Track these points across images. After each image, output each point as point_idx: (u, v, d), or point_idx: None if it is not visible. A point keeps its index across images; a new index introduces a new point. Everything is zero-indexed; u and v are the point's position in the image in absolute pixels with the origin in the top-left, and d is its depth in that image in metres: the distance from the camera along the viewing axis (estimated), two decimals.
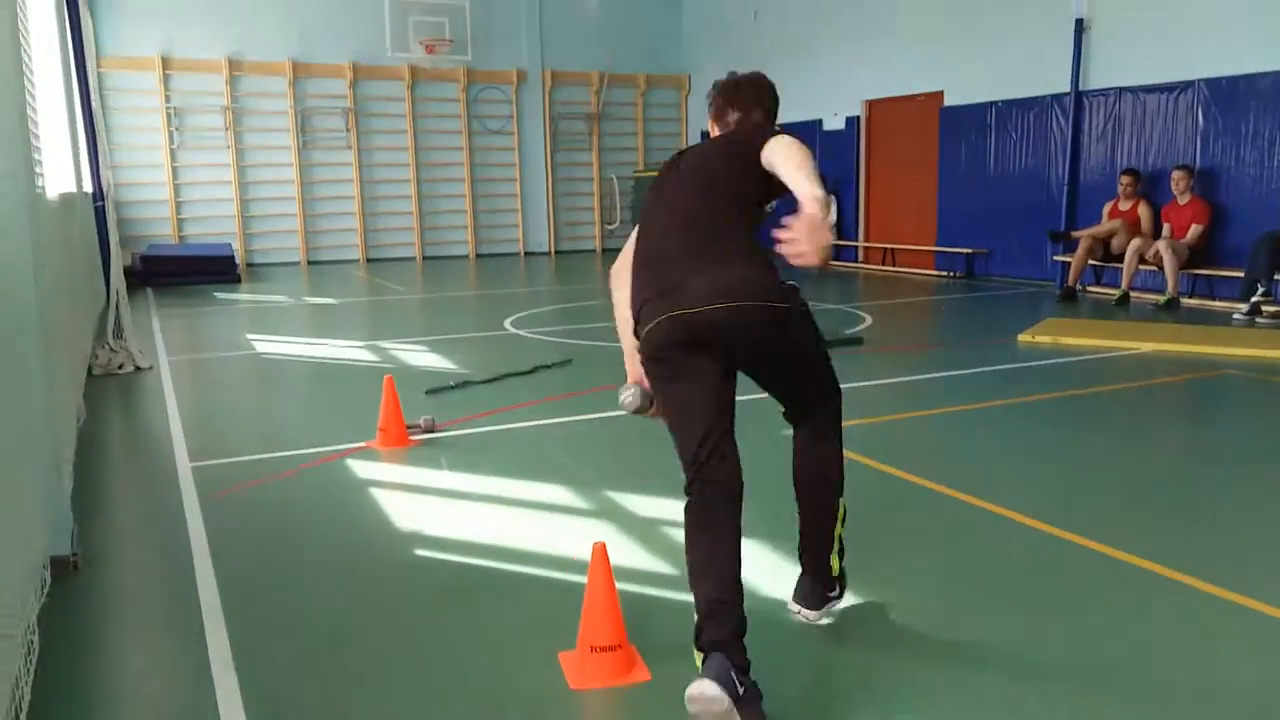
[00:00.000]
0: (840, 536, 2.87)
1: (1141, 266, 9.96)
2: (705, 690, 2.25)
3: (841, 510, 2.86)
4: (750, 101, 2.91)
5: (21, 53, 3.91)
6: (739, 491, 2.58)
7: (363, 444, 4.88)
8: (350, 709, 2.48)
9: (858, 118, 14.63)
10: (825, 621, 2.91)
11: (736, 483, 2.59)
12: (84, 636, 2.95)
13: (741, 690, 2.26)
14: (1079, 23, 11.13)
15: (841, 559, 2.88)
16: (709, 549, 2.49)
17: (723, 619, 2.37)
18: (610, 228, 18.42)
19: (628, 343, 2.81)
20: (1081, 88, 11.28)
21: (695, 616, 2.42)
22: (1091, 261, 10.52)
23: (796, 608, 2.92)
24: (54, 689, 2.59)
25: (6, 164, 3.18)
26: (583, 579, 2.70)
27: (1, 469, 2.62)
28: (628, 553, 3.44)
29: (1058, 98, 11.55)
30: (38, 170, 4.27)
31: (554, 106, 17.68)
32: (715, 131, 2.96)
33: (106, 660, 2.85)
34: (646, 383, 2.79)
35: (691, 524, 2.56)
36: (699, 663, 2.36)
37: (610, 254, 17.69)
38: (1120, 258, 10.11)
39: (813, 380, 2.83)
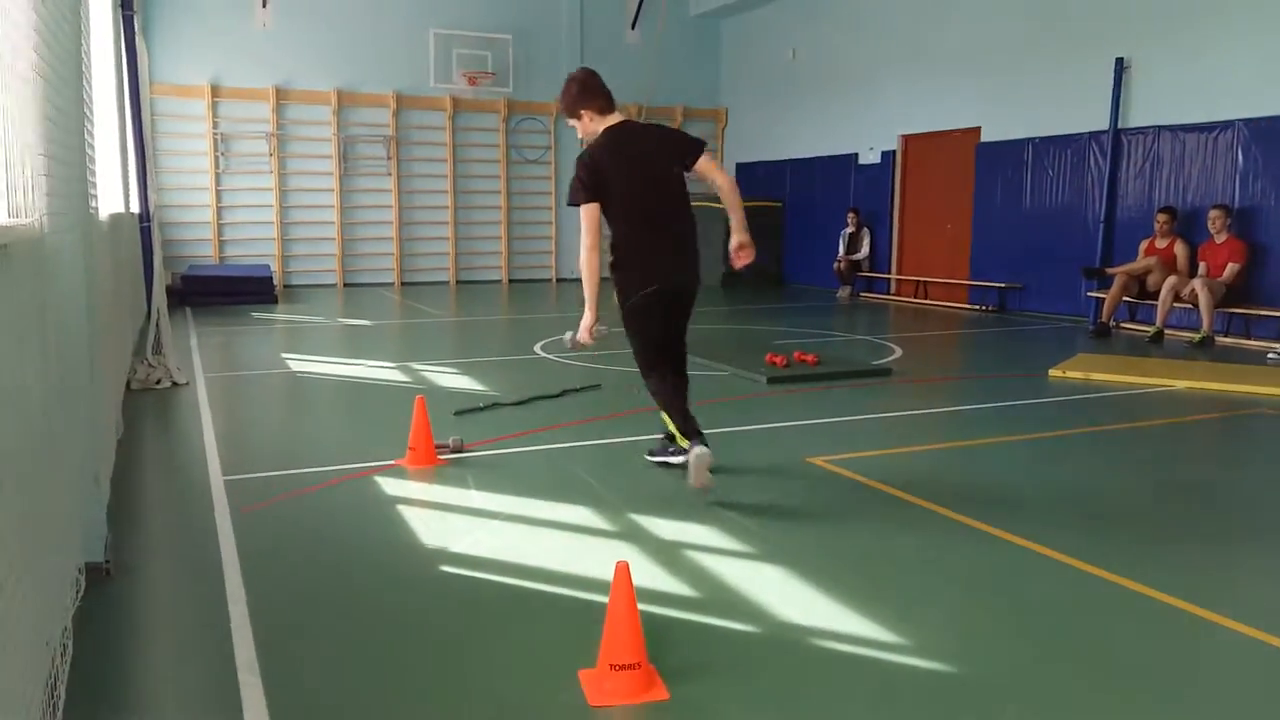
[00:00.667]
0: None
1: (1176, 304, 9.88)
2: (707, 450, 4.25)
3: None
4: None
5: (84, 81, 4.06)
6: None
7: (392, 462, 4.96)
8: (371, 716, 2.52)
9: (893, 152, 14.67)
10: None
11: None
12: (115, 640, 3.02)
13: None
14: (1119, 61, 11.14)
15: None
16: (672, 393, 4.55)
17: (694, 423, 4.40)
18: None
19: (593, 299, 4.61)
20: (1120, 125, 11.26)
21: (673, 424, 4.49)
22: (1126, 298, 10.46)
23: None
24: (87, 689, 2.65)
25: (66, 186, 3.30)
26: (604, 598, 2.74)
27: (44, 478, 2.71)
28: (649, 574, 3.47)
29: (1096, 135, 11.54)
30: (91, 192, 4.41)
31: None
32: (588, 114, 4.68)
33: (136, 663, 2.92)
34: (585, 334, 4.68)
35: (658, 384, 4.59)
36: (685, 442, 4.36)
37: None
38: (1155, 295, 10.05)
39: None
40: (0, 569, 2.01)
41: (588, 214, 4.43)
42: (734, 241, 4.48)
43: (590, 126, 4.62)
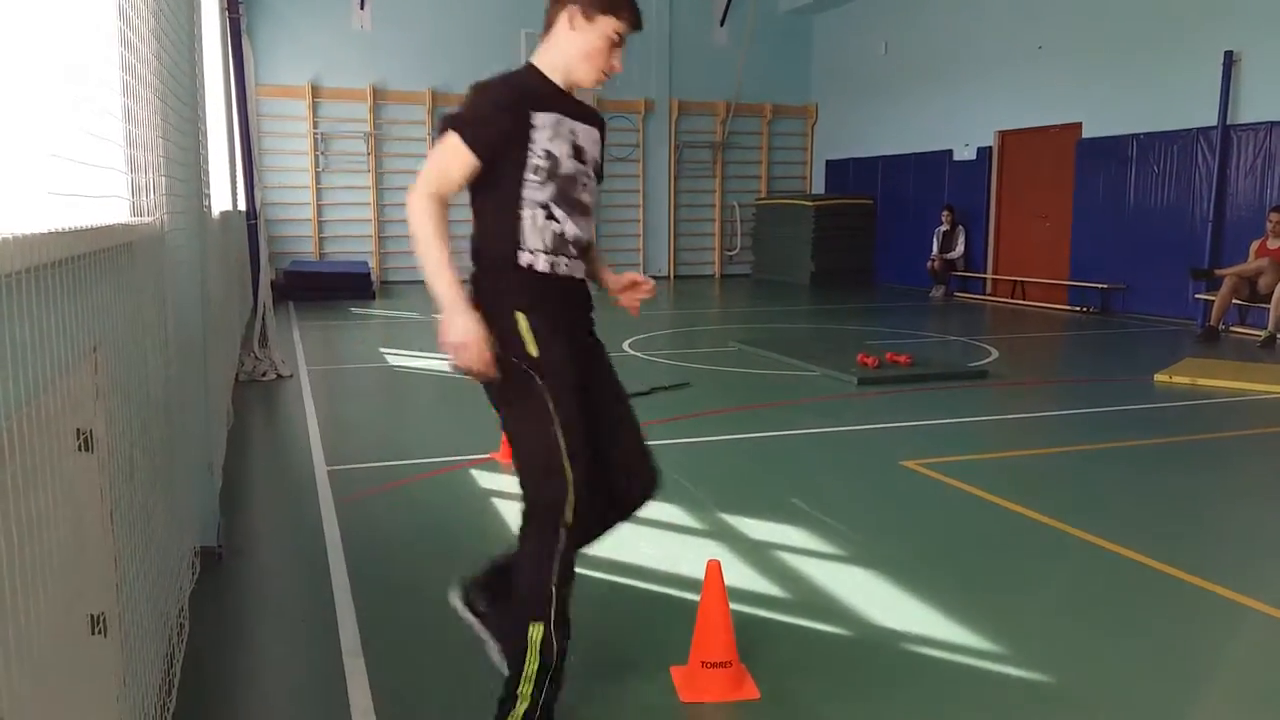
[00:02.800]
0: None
1: None
2: None
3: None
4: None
5: (197, 84, 4.24)
6: None
7: (486, 455, 5.05)
8: (467, 702, 2.59)
9: (989, 148, 14.34)
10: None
11: None
12: (227, 621, 3.16)
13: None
14: (1228, 55, 10.70)
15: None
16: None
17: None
18: (730, 254, 18.49)
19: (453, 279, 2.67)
20: (1229, 121, 10.81)
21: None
22: (1236, 301, 10.04)
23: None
24: (201, 666, 2.78)
25: (183, 186, 3.45)
26: (695, 596, 2.76)
27: (165, 464, 2.85)
28: (740, 574, 3.48)
29: (1204, 131, 11.11)
30: (205, 191, 4.60)
31: (680, 135, 17.90)
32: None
33: (247, 643, 3.05)
34: None
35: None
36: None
37: (729, 278, 17.75)
38: (1267, 298, 9.62)
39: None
40: (127, 550, 2.13)
41: None
42: None
43: None
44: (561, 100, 2.51)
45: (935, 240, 14.90)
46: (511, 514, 4.17)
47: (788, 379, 7.40)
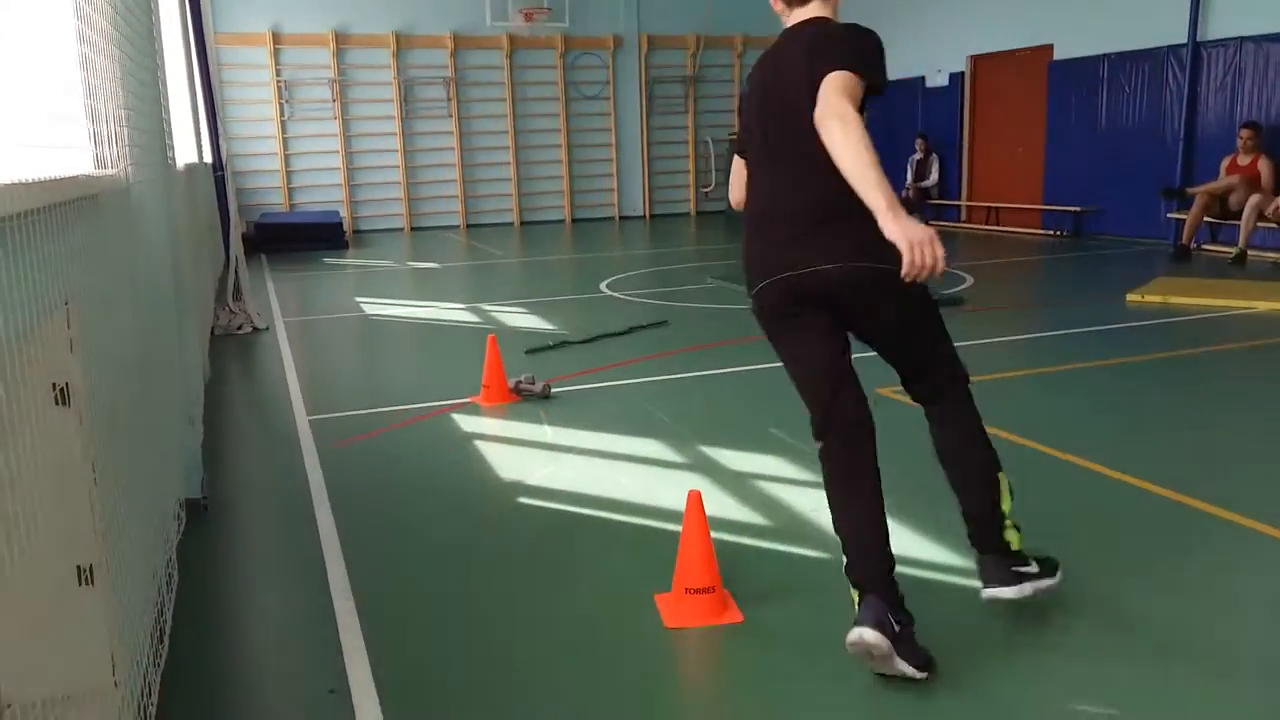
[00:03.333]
0: (1005, 512, 2.68)
1: (1260, 224, 9.53)
2: (865, 638, 2.28)
3: (1001, 485, 2.72)
4: None
5: (155, 34, 4.15)
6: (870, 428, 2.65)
7: (467, 399, 5.07)
8: (457, 636, 2.64)
9: (962, 74, 14.26)
10: (1026, 596, 2.61)
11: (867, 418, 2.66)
12: (215, 570, 3.19)
13: (898, 629, 2.31)
14: None
15: (1018, 531, 2.67)
16: (851, 488, 2.55)
17: (873, 557, 2.43)
18: (705, 190, 18.39)
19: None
20: (1200, 38, 10.78)
21: (844, 554, 2.47)
22: (1208, 219, 10.11)
23: (989, 590, 2.63)
24: (191, 615, 2.82)
25: (145, 138, 3.40)
26: (678, 527, 2.81)
27: (145, 418, 2.85)
28: (721, 504, 3.53)
29: (1174, 49, 11.07)
30: (168, 142, 4.53)
31: (650, 71, 17.68)
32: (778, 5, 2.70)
33: (237, 592, 3.09)
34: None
35: (832, 466, 2.59)
36: (855, 599, 2.40)
37: (704, 216, 17.70)
38: (1238, 215, 9.69)
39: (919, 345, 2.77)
40: (111, 502, 2.14)
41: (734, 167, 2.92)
42: None
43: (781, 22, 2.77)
44: None
45: (909, 169, 14.87)
46: (493, 455, 4.21)
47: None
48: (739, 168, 2.82)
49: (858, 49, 2.53)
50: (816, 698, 2.32)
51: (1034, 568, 2.65)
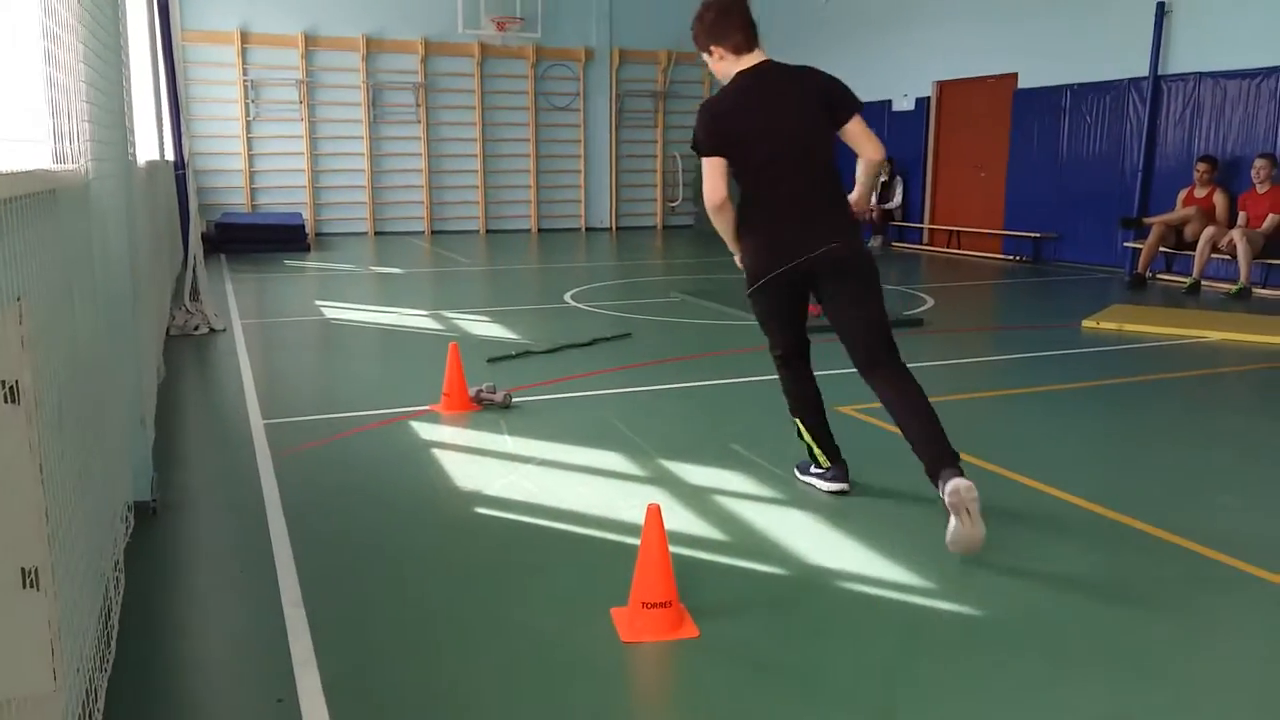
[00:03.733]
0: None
1: (1214, 255, 9.74)
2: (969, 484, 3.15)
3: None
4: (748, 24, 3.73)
5: (120, 28, 4.10)
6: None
7: (426, 407, 5.04)
8: (409, 647, 2.61)
9: (928, 99, 14.45)
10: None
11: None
12: (164, 574, 3.14)
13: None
14: (1160, 6, 10.87)
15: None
16: (802, 396, 3.95)
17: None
18: (672, 205, 18.46)
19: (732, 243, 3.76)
20: (1160, 72, 11.02)
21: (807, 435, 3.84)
22: (1164, 249, 10.32)
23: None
24: (138, 619, 2.76)
25: (107, 134, 3.35)
26: (636, 540, 2.80)
27: (95, 417, 2.80)
28: (679, 518, 3.53)
29: (1135, 82, 11.31)
30: (130, 139, 4.47)
31: (620, 84, 17.74)
32: (720, 51, 3.66)
33: (186, 596, 3.03)
34: None
35: (787, 383, 3.99)
36: (826, 461, 3.84)
37: (670, 230, 17.76)
38: (1193, 245, 9.91)
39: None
40: (58, 503, 2.10)
41: (711, 168, 3.54)
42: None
43: (723, 67, 3.65)
44: None
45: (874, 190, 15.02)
46: (452, 464, 4.18)
47: (729, 329, 7.47)
48: (723, 168, 3.53)
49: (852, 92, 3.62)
50: (770, 715, 2.32)
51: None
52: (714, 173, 3.52)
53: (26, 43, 2.36)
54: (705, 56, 3.67)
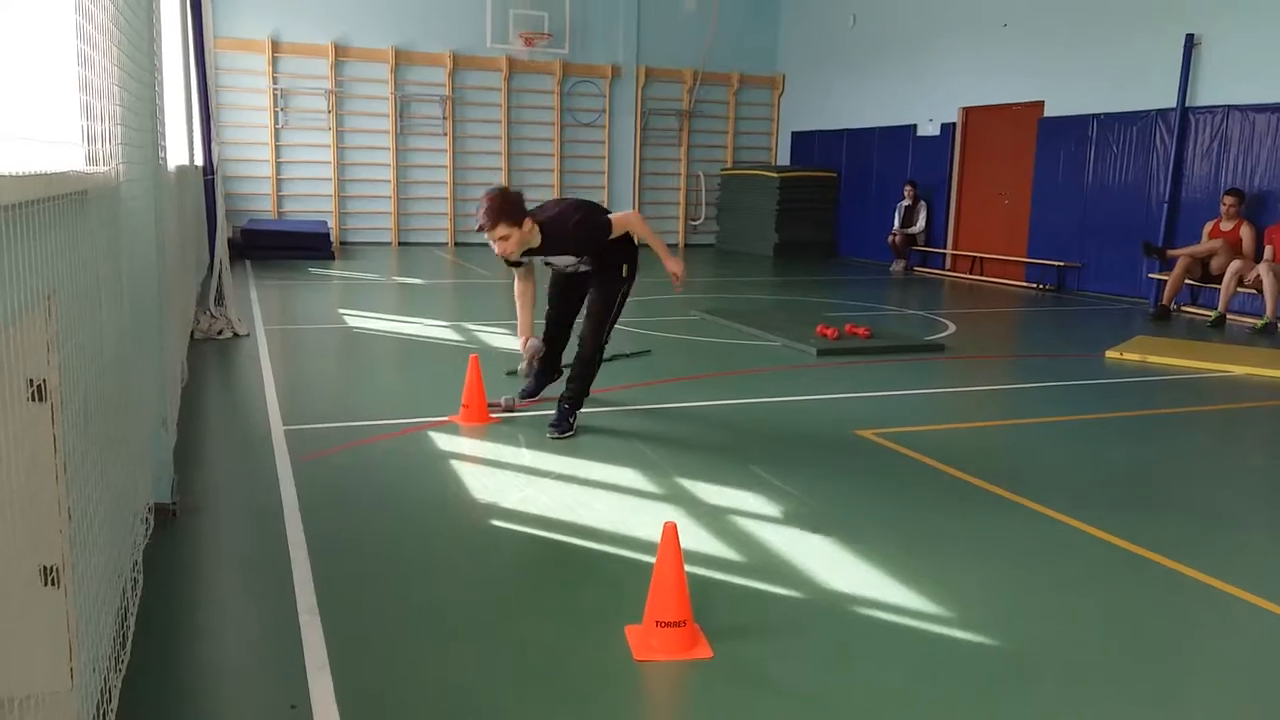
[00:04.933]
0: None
1: (1240, 289, 9.66)
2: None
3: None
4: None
5: (154, 33, 4.15)
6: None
7: (445, 418, 5.05)
8: (422, 658, 2.61)
9: (953, 125, 14.43)
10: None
11: None
12: (181, 576, 3.14)
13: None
14: (1189, 38, 10.83)
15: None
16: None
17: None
18: (694, 223, 18.49)
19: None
20: (1188, 104, 10.97)
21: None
22: (1189, 281, 10.24)
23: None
24: (155, 622, 2.77)
25: (138, 137, 3.39)
26: (651, 558, 2.79)
27: (119, 419, 2.81)
28: (696, 537, 3.52)
29: (1163, 113, 11.26)
30: (161, 143, 4.51)
31: (646, 102, 17.81)
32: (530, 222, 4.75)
33: (201, 599, 3.04)
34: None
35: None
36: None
37: (693, 248, 17.78)
38: (1219, 279, 9.83)
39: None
40: (80, 503, 2.11)
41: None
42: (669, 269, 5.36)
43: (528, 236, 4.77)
44: (535, 251, 4.98)
45: (897, 215, 15.00)
46: (469, 475, 4.19)
47: (749, 348, 7.45)
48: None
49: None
50: None
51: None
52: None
53: (61, 44, 2.39)
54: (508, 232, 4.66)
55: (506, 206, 4.60)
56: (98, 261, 2.56)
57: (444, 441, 4.70)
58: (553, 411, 4.97)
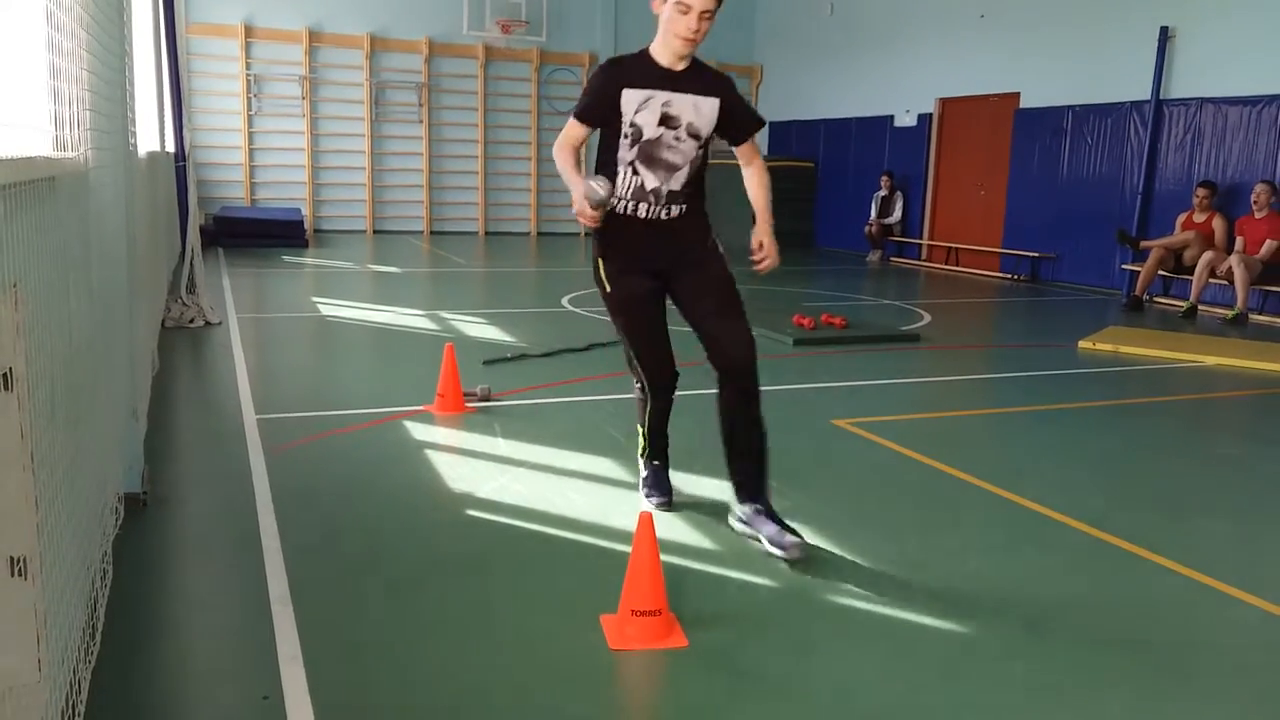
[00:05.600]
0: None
1: (1212, 280, 9.78)
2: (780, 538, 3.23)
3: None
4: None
5: (124, 17, 4.09)
6: None
7: (420, 407, 5.02)
8: (395, 648, 2.60)
9: (930, 115, 14.49)
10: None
11: None
12: (152, 567, 3.11)
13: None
14: (1164, 30, 10.92)
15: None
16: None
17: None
18: None
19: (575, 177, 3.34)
20: (1162, 96, 11.06)
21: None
22: (1161, 272, 10.35)
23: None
24: (125, 612, 2.74)
25: (108, 123, 3.34)
26: (627, 548, 2.79)
27: (88, 408, 2.78)
28: (672, 526, 3.52)
29: (1137, 105, 11.35)
30: (131, 129, 4.45)
31: None
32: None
33: (172, 590, 3.01)
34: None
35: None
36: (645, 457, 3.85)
37: None
38: (1191, 270, 9.94)
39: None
40: (48, 493, 2.08)
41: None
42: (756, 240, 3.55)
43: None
44: (657, 77, 3.34)
45: (874, 205, 15.06)
46: (444, 465, 4.17)
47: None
48: (582, 132, 3.48)
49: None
50: None
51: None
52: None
53: (30, 27, 2.35)
54: None
55: None
56: (66, 248, 2.53)
57: (419, 431, 4.68)
58: (522, 401, 4.92)
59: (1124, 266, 11.16)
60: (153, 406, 4.81)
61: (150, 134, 7.42)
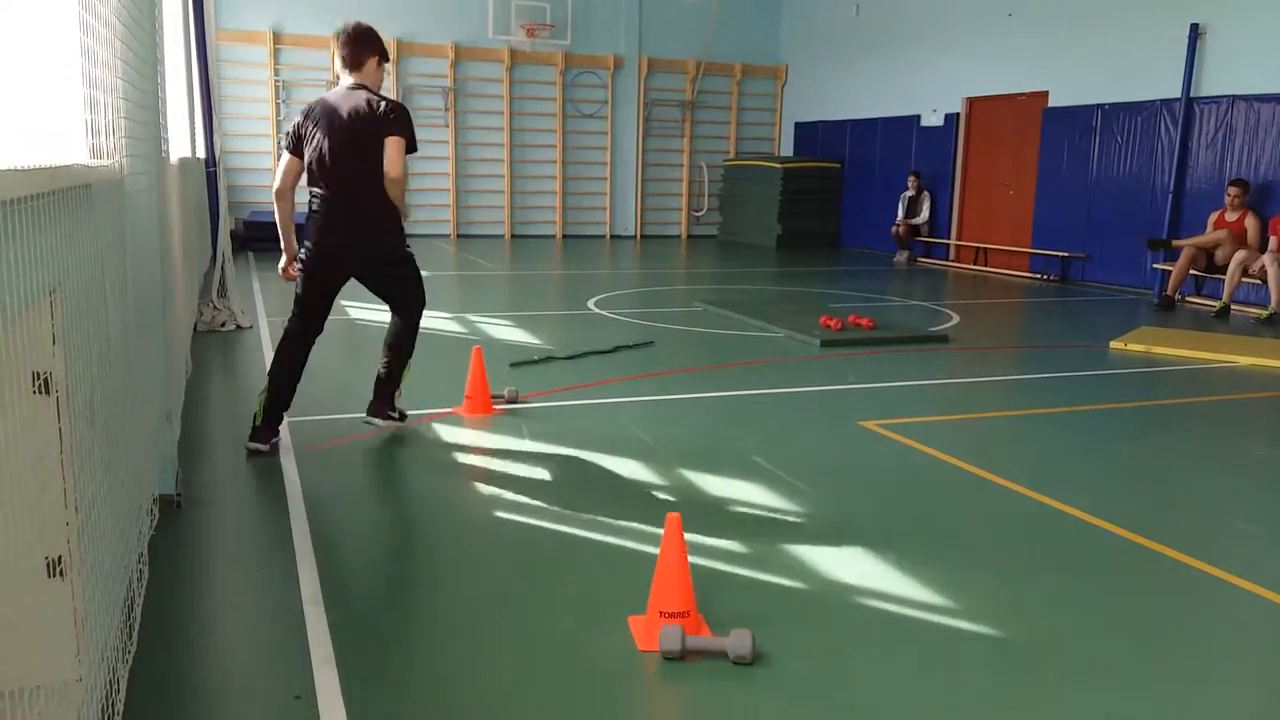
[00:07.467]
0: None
1: (1245, 279, 9.64)
2: None
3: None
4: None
5: (156, 25, 4.14)
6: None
7: (449, 409, 5.05)
8: (426, 647, 2.62)
9: (957, 115, 14.39)
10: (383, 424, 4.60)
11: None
12: (186, 567, 3.16)
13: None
14: (1194, 28, 10.79)
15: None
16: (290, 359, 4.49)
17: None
18: (697, 214, 18.46)
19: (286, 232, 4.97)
20: (1193, 94, 10.93)
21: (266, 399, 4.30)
22: (1193, 272, 10.22)
23: (371, 420, 4.63)
24: (160, 612, 2.78)
25: (141, 130, 3.39)
26: (654, 549, 2.80)
27: (124, 412, 2.82)
28: (700, 528, 3.52)
29: (1167, 103, 11.22)
30: (163, 136, 4.52)
31: (648, 93, 17.77)
32: (347, 76, 4.88)
33: (207, 591, 3.05)
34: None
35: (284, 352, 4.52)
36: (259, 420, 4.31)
37: (695, 239, 17.76)
38: (1223, 269, 9.81)
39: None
40: (86, 495, 2.11)
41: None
42: None
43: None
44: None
45: (901, 205, 14.97)
46: (472, 467, 4.19)
47: (752, 340, 7.45)
48: (293, 165, 4.79)
49: (409, 121, 4.52)
50: None
51: (398, 415, 4.66)
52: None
53: (64, 37, 2.39)
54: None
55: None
56: (102, 255, 2.57)
57: (447, 433, 4.71)
58: (549, 403, 4.96)
59: (1155, 266, 11.03)
60: (186, 409, 4.87)
61: (182, 140, 7.51)
